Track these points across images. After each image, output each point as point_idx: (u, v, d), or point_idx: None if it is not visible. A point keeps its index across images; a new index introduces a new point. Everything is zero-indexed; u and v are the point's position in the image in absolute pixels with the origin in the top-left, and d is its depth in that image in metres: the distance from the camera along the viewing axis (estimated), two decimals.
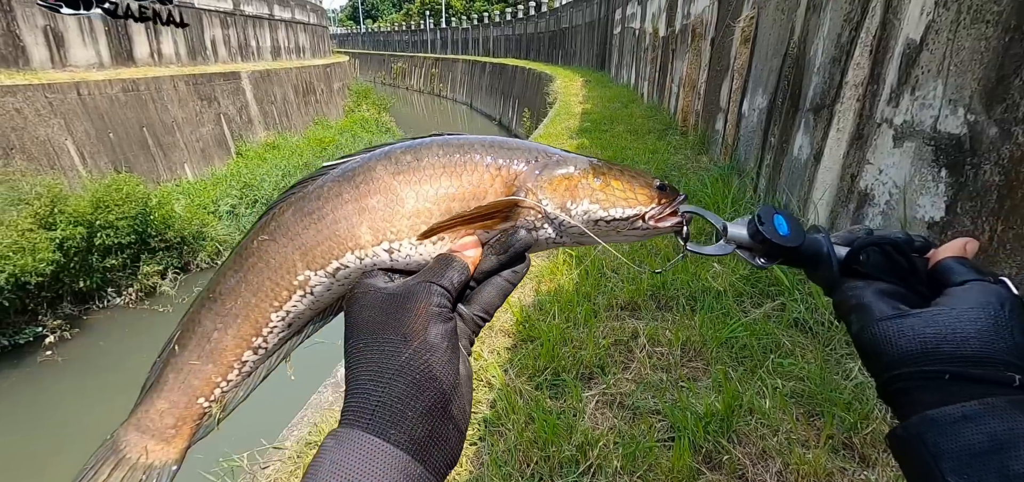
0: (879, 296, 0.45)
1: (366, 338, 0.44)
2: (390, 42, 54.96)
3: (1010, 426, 0.35)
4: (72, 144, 9.46)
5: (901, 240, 0.47)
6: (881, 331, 0.43)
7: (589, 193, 0.54)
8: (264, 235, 0.52)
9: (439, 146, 0.53)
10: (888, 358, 0.42)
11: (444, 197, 0.51)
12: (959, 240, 0.46)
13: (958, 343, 0.39)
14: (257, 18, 17.53)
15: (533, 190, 0.52)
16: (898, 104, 2.30)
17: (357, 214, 0.51)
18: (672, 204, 0.56)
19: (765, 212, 0.51)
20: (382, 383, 0.41)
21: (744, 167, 4.37)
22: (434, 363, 0.42)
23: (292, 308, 0.53)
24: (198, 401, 0.53)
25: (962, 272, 0.43)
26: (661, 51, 10.20)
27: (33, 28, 9.71)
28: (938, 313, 0.41)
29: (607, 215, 0.54)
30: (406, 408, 0.40)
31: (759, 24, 4.47)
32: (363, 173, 0.52)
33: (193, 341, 0.53)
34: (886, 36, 2.47)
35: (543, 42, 30.15)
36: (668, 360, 2.16)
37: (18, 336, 7.28)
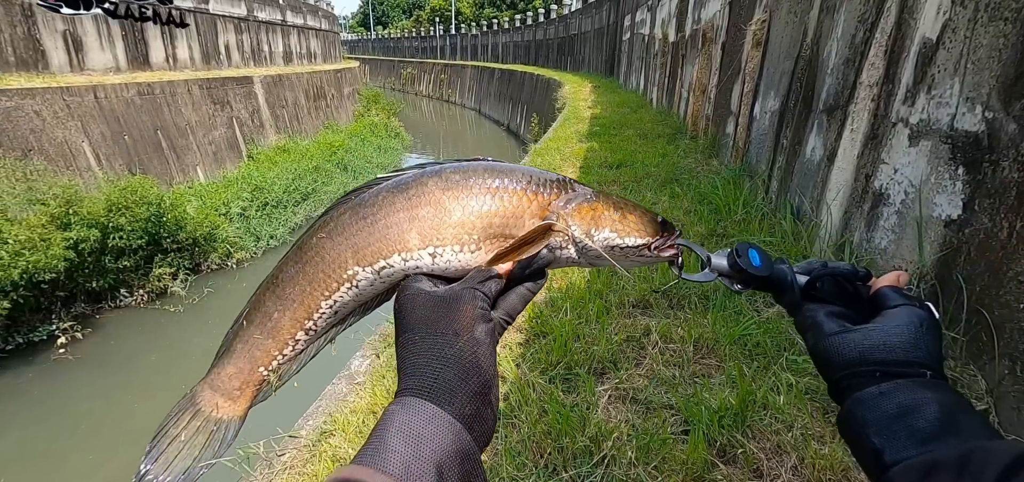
0: (829, 317, 0.56)
1: (422, 331, 0.51)
2: (400, 48, 55.45)
3: (912, 397, 0.47)
4: (88, 146, 9.62)
5: (847, 271, 0.59)
6: (830, 344, 0.54)
7: (610, 223, 0.63)
8: (322, 233, 0.60)
9: (485, 170, 0.61)
10: (835, 364, 0.53)
11: (486, 213, 0.59)
12: (893, 273, 0.58)
13: (887, 351, 0.50)
14: (270, 24, 17.78)
15: (564, 216, 0.61)
16: (914, 103, 2.29)
17: (408, 221, 0.58)
18: (672, 238, 0.66)
19: (742, 247, 0.62)
20: (437, 367, 0.48)
21: (756, 170, 4.35)
22: (480, 355, 0.49)
23: (339, 298, 0.60)
24: (259, 369, 0.62)
25: (895, 298, 0.55)
26: (671, 56, 10.20)
27: (53, 32, 9.92)
28: (873, 329, 0.52)
29: (622, 242, 0.63)
30: (457, 389, 0.47)
31: (771, 27, 4.47)
32: (416, 186, 0.59)
33: (257, 318, 0.61)
34: (901, 36, 2.46)
35: (552, 48, 30.26)
36: (681, 356, 2.15)
37: (33, 334, 7.39)
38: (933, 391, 0.47)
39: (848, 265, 0.60)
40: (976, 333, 1.80)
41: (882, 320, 0.53)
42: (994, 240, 1.77)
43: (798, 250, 2.92)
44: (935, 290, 2.00)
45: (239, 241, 10.08)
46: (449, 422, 0.45)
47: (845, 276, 0.59)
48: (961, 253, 1.92)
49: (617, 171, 5.63)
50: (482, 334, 0.51)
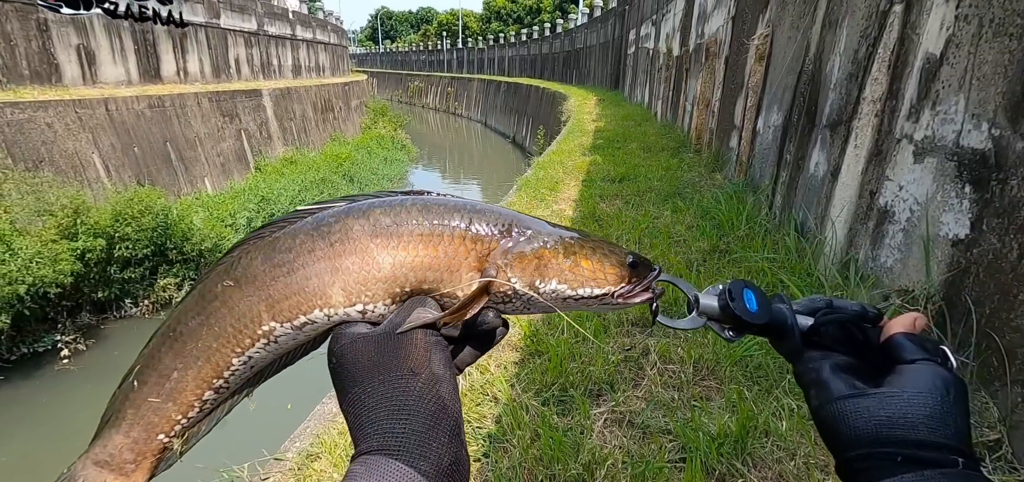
0: (836, 372, 0.49)
1: (372, 379, 0.45)
2: (407, 61, 56.09)
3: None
4: (98, 157, 9.75)
5: (856, 313, 0.51)
6: (838, 410, 0.46)
7: (557, 273, 0.54)
8: (229, 280, 0.51)
9: (419, 211, 0.53)
10: (845, 438, 0.45)
11: (419, 265, 0.51)
12: (909, 315, 0.50)
13: (909, 428, 0.42)
14: (280, 38, 18.04)
15: (503, 267, 0.53)
16: (918, 119, 2.24)
17: (330, 273, 0.50)
18: (643, 282, 0.57)
19: (736, 287, 0.54)
20: (402, 417, 0.42)
21: (759, 184, 4.30)
22: (444, 392, 0.45)
23: (255, 354, 0.52)
24: (158, 437, 0.53)
25: (912, 349, 0.47)
26: (675, 70, 10.20)
27: (67, 47, 10.11)
28: (891, 395, 0.44)
29: (574, 294, 0.55)
30: (429, 438, 0.42)
31: (774, 42, 4.44)
32: (339, 231, 0.51)
33: (153, 378, 0.52)
34: (904, 51, 2.42)
35: (557, 62, 30.46)
36: (680, 378, 2.10)
37: (37, 344, 7.42)
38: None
39: (857, 305, 0.52)
40: (986, 358, 1.73)
41: (899, 381, 0.45)
42: (1003, 261, 1.71)
43: (802, 267, 2.86)
44: (943, 312, 1.94)
45: None
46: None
47: (853, 320, 0.51)
48: (969, 274, 1.86)
49: (620, 185, 5.59)
50: (440, 366, 0.45)
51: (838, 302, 0.52)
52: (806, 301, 0.54)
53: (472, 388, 2.11)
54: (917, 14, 2.33)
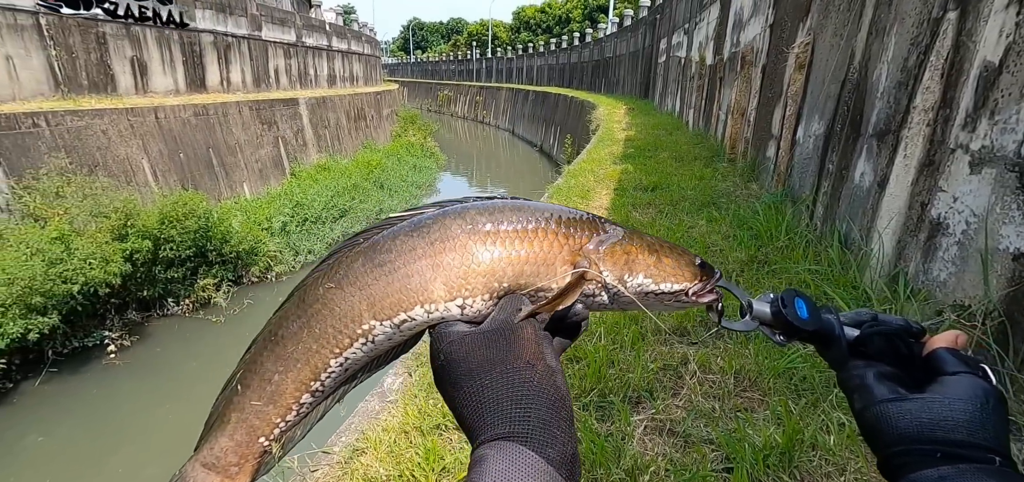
0: (879, 379, 0.51)
1: (489, 371, 0.45)
2: (438, 71, 57.03)
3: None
4: (147, 163, 10.27)
5: (900, 327, 0.54)
6: (882, 412, 0.49)
7: (644, 268, 0.58)
8: (330, 282, 0.53)
9: (512, 209, 0.55)
10: (888, 437, 0.48)
11: (517, 259, 0.53)
12: (951, 333, 0.53)
13: (949, 429, 0.45)
14: (317, 49, 18.65)
15: (595, 262, 0.55)
16: (975, 129, 2.16)
17: (431, 269, 0.52)
18: (711, 282, 0.60)
19: (788, 296, 0.58)
20: (525, 403, 0.43)
21: (799, 194, 4.20)
22: (560, 383, 0.46)
23: (352, 355, 0.54)
24: (259, 440, 0.55)
25: (954, 363, 0.49)
26: (708, 79, 10.07)
27: (122, 59, 10.72)
28: (933, 400, 0.47)
29: (658, 288, 0.58)
30: (554, 427, 0.42)
31: (815, 50, 4.35)
32: (439, 229, 0.53)
33: (255, 382, 0.54)
34: (959, 59, 2.35)
35: (586, 71, 30.43)
36: (721, 388, 2.07)
37: (87, 339, 7.83)
38: (1002, 481, 0.42)
39: (901, 320, 0.55)
40: None
41: (941, 389, 0.48)
42: None
43: (846, 280, 2.78)
44: (1004, 328, 1.86)
45: (279, 255, 10.46)
46: (551, 474, 0.40)
47: (898, 333, 0.54)
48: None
49: (653, 194, 5.55)
50: (554, 360, 0.47)
51: (883, 317, 0.55)
52: (852, 314, 0.57)
53: None
54: (973, 21, 2.26)
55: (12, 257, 6.55)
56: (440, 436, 1.90)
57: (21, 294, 6.40)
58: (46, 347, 7.22)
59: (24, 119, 8.20)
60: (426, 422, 1.96)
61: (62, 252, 6.91)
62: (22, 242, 6.80)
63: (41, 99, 9.14)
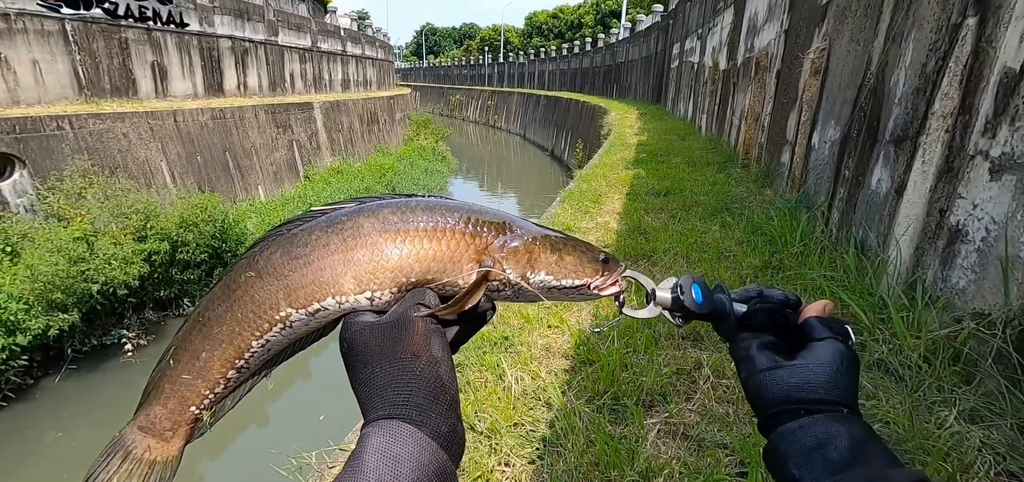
0: (761, 349, 0.58)
1: (380, 361, 0.50)
2: (450, 75, 57.38)
3: (827, 430, 0.51)
4: (165, 165, 10.49)
5: (779, 300, 0.62)
6: (760, 380, 0.56)
7: (546, 265, 0.62)
8: (251, 271, 0.57)
9: (423, 209, 0.59)
10: (764, 401, 0.55)
11: (424, 257, 0.57)
12: (820, 302, 0.61)
13: (810, 390, 0.53)
14: (331, 54, 18.90)
15: (500, 260, 0.59)
16: (995, 135, 2.14)
17: (343, 264, 0.56)
18: (613, 276, 0.66)
19: (686, 282, 0.63)
20: (405, 391, 0.48)
21: (814, 201, 4.17)
22: (442, 372, 0.50)
23: (272, 338, 0.58)
24: (190, 409, 0.60)
25: (820, 330, 0.58)
26: (721, 84, 10.02)
27: (143, 64, 10.98)
28: (800, 366, 0.55)
29: (560, 284, 0.63)
30: (429, 408, 0.48)
31: (831, 55, 4.32)
32: (351, 226, 0.57)
33: (185, 358, 0.59)
34: (979, 65, 2.32)
35: (598, 76, 30.42)
36: (735, 393, 2.07)
37: (105, 337, 7.99)
38: (846, 424, 0.51)
39: (780, 293, 0.62)
40: None
41: (808, 356, 0.56)
42: None
43: (863, 286, 2.76)
44: None
45: None
46: (426, 441, 0.45)
47: (778, 307, 0.61)
48: None
49: (665, 199, 5.54)
50: (439, 351, 0.51)
51: (768, 291, 0.63)
52: (741, 292, 0.64)
53: (524, 393, 2.15)
54: (993, 28, 2.24)
55: (37, 255, 6.73)
56: None
57: (43, 291, 6.57)
58: (66, 344, 7.39)
59: (49, 122, 8.44)
60: None
61: (84, 251, 7.08)
62: (47, 241, 6.98)
63: (65, 102, 9.39)
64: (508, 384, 2.19)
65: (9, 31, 8.47)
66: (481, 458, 1.79)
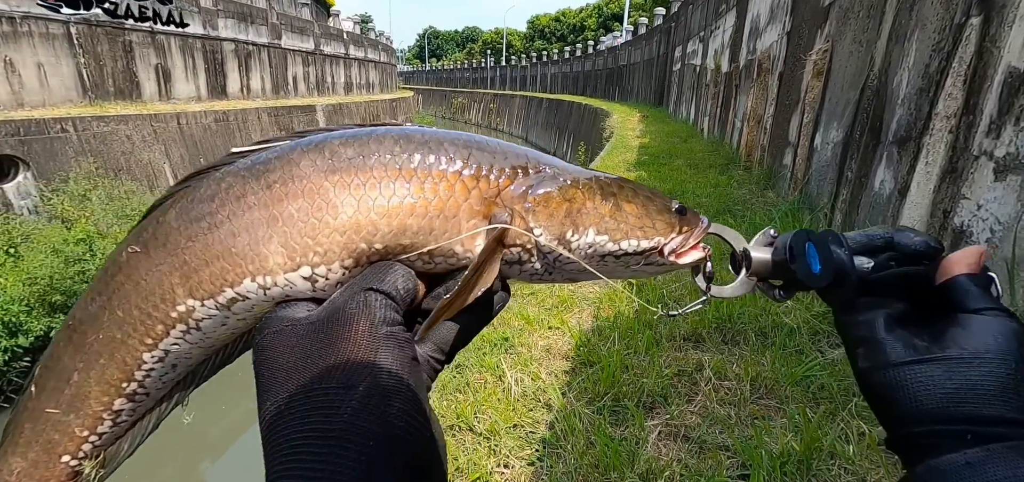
0: (891, 328, 0.41)
1: (288, 387, 0.32)
2: (452, 78, 57.54)
3: (1012, 471, 0.34)
4: (169, 167, 10.53)
5: (919, 251, 0.42)
6: (897, 378, 0.39)
7: (596, 218, 0.42)
8: (136, 245, 0.38)
9: (395, 140, 0.39)
10: (906, 411, 0.38)
11: (398, 210, 0.37)
12: (973, 250, 0.41)
13: (980, 401, 0.36)
14: (334, 57, 18.98)
15: (522, 214, 0.39)
16: (999, 136, 2.13)
17: (267, 224, 0.37)
18: (695, 233, 0.46)
19: (798, 241, 0.45)
20: (320, 450, 0.29)
21: (816, 202, 4.15)
22: (393, 415, 0.31)
23: (172, 347, 0.39)
24: (62, 459, 0.40)
25: (977, 296, 0.39)
26: (723, 86, 10.01)
27: (147, 67, 11.04)
28: (958, 361, 0.37)
29: (617, 248, 0.42)
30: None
31: (833, 57, 4.31)
32: (281, 168, 0.38)
33: (51, 383, 0.40)
34: (983, 65, 2.31)
35: (600, 79, 30.44)
36: (737, 395, 2.05)
37: None
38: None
39: (919, 238, 0.43)
40: None
41: (965, 338, 0.38)
42: None
43: None
44: None
45: None
46: None
47: (917, 269, 0.42)
48: None
49: None
50: (391, 377, 0.32)
51: (900, 236, 0.43)
52: (860, 237, 0.44)
53: (525, 395, 2.14)
54: (997, 27, 2.23)
55: (35, 259, 6.76)
56: (453, 437, 1.91)
57: (43, 293, 6.59)
58: None
59: (53, 124, 8.48)
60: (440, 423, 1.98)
61: (85, 253, 7.11)
62: (44, 243, 7.02)
63: (69, 105, 9.44)
64: (508, 385, 2.17)
65: (14, 34, 8.53)
66: (480, 459, 1.78)
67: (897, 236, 0.43)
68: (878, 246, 0.43)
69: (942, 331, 0.39)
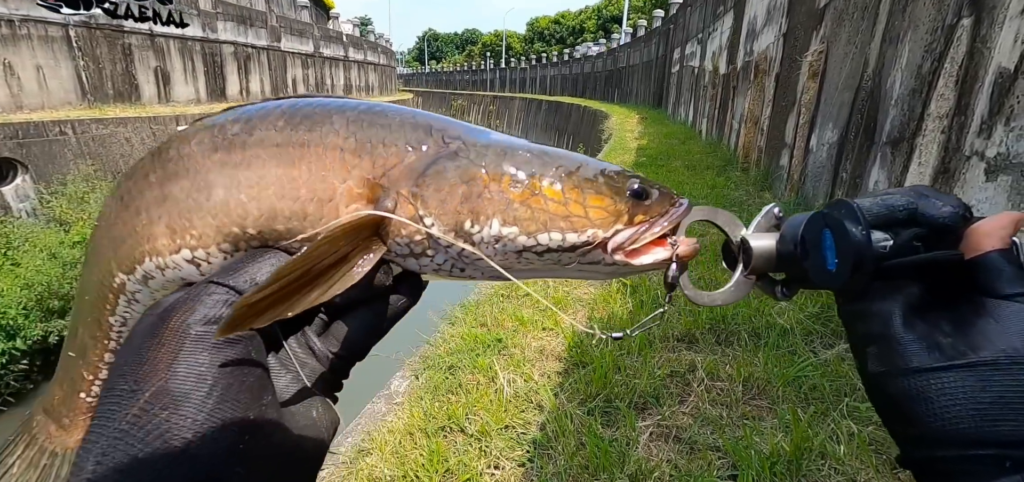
0: (910, 323, 0.33)
1: (102, 402, 0.30)
2: (452, 81, 57.59)
3: None
4: None
5: (947, 223, 0.33)
6: (917, 388, 0.31)
7: (502, 207, 0.34)
8: (98, 217, 0.42)
9: (282, 114, 0.36)
10: (927, 429, 0.31)
11: (268, 192, 0.34)
12: (1006, 217, 0.33)
13: (1020, 418, 0.29)
14: (333, 59, 19.01)
15: (407, 198, 0.34)
16: (990, 135, 2.13)
17: (157, 204, 0.37)
18: (656, 222, 0.37)
19: (812, 228, 0.36)
20: (103, 460, 0.27)
21: (812, 203, 4.15)
22: (174, 426, 0.27)
23: (125, 315, 0.41)
24: (80, 396, 0.45)
25: (1010, 278, 0.31)
26: (721, 88, 10.02)
27: (146, 69, 11.06)
28: (992, 367, 0.30)
29: (534, 243, 0.35)
30: None
31: (828, 58, 4.32)
32: (176, 145, 0.37)
33: (69, 331, 0.47)
34: (974, 65, 2.31)
35: (599, 81, 30.48)
36: (729, 396, 2.05)
37: None
38: None
39: (950, 212, 0.34)
40: None
41: (999, 334, 0.30)
42: None
43: None
44: None
45: None
46: None
47: (949, 254, 0.33)
48: None
49: None
50: (190, 375, 0.28)
51: (924, 206, 0.34)
52: (881, 208, 0.35)
53: (517, 395, 2.14)
54: (988, 28, 2.23)
55: (30, 263, 6.76)
56: (445, 438, 1.91)
57: (40, 297, 6.59)
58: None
59: (51, 127, 8.49)
60: (431, 424, 1.98)
61: (82, 255, 7.10)
62: (39, 247, 7.02)
63: (68, 108, 9.46)
64: (500, 386, 2.17)
65: (13, 37, 8.54)
66: (471, 461, 1.78)
67: (921, 205, 0.34)
68: (900, 219, 0.35)
69: (970, 323, 0.32)
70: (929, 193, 0.35)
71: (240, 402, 0.29)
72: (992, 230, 0.32)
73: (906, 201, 0.35)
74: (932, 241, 0.34)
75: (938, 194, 0.35)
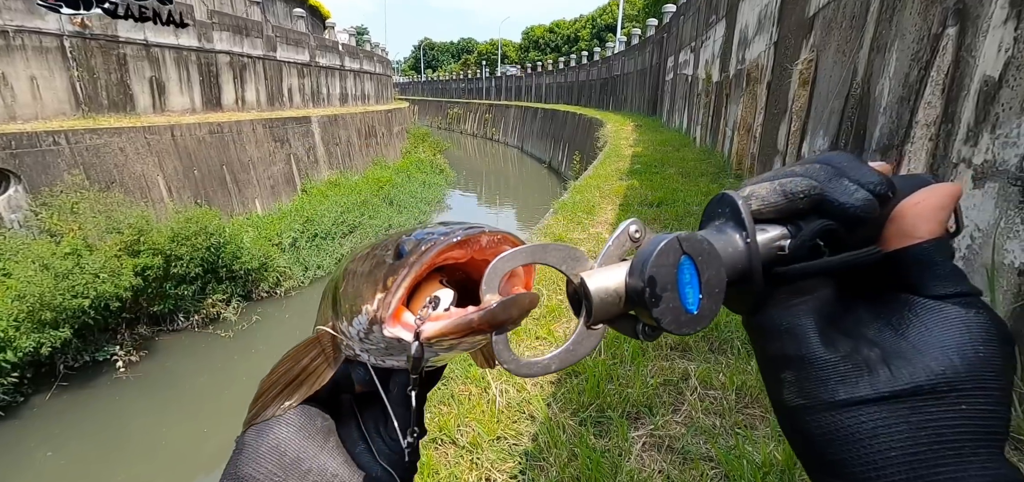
0: (828, 335, 0.27)
1: None
2: (447, 89, 57.78)
3: None
4: (162, 179, 10.49)
5: (867, 224, 0.28)
6: (844, 428, 0.25)
7: (343, 301, 0.36)
8: None
9: None
10: (858, 473, 0.25)
11: None
12: (944, 189, 0.28)
13: (961, 450, 0.25)
14: (329, 69, 19.04)
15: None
16: (977, 143, 2.15)
17: None
18: (400, 282, 0.31)
19: (663, 259, 0.27)
20: None
21: None
22: (242, 464, 0.37)
23: None
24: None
25: (944, 278, 0.27)
26: (715, 96, 10.10)
27: (141, 79, 11.04)
28: (932, 401, 0.25)
29: (358, 332, 0.34)
30: None
31: (818, 66, 4.36)
32: None
33: None
34: (960, 74, 2.34)
35: (594, 89, 30.66)
36: (722, 405, 2.04)
37: (98, 353, 7.90)
38: None
39: (862, 199, 0.28)
40: None
41: (934, 355, 0.25)
42: None
43: None
44: None
45: (289, 271, 10.55)
46: None
47: (863, 253, 0.28)
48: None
49: (658, 209, 5.55)
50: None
51: (831, 190, 0.29)
52: (777, 196, 0.29)
53: (509, 406, 2.13)
54: (972, 37, 2.26)
55: (22, 274, 6.69)
56: (436, 449, 1.90)
57: (32, 309, 6.52)
58: (58, 361, 7.31)
59: (45, 137, 8.45)
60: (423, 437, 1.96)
61: (73, 267, 7.04)
62: (31, 258, 6.95)
63: (62, 118, 9.42)
64: (492, 397, 2.16)
65: (7, 47, 8.52)
66: (461, 473, 1.76)
67: (829, 189, 0.29)
68: (801, 209, 0.29)
69: (900, 332, 0.26)
70: (845, 167, 0.29)
71: (298, 438, 0.38)
72: (925, 211, 0.27)
73: (808, 185, 0.29)
74: (845, 230, 0.28)
75: (857, 165, 0.29)
